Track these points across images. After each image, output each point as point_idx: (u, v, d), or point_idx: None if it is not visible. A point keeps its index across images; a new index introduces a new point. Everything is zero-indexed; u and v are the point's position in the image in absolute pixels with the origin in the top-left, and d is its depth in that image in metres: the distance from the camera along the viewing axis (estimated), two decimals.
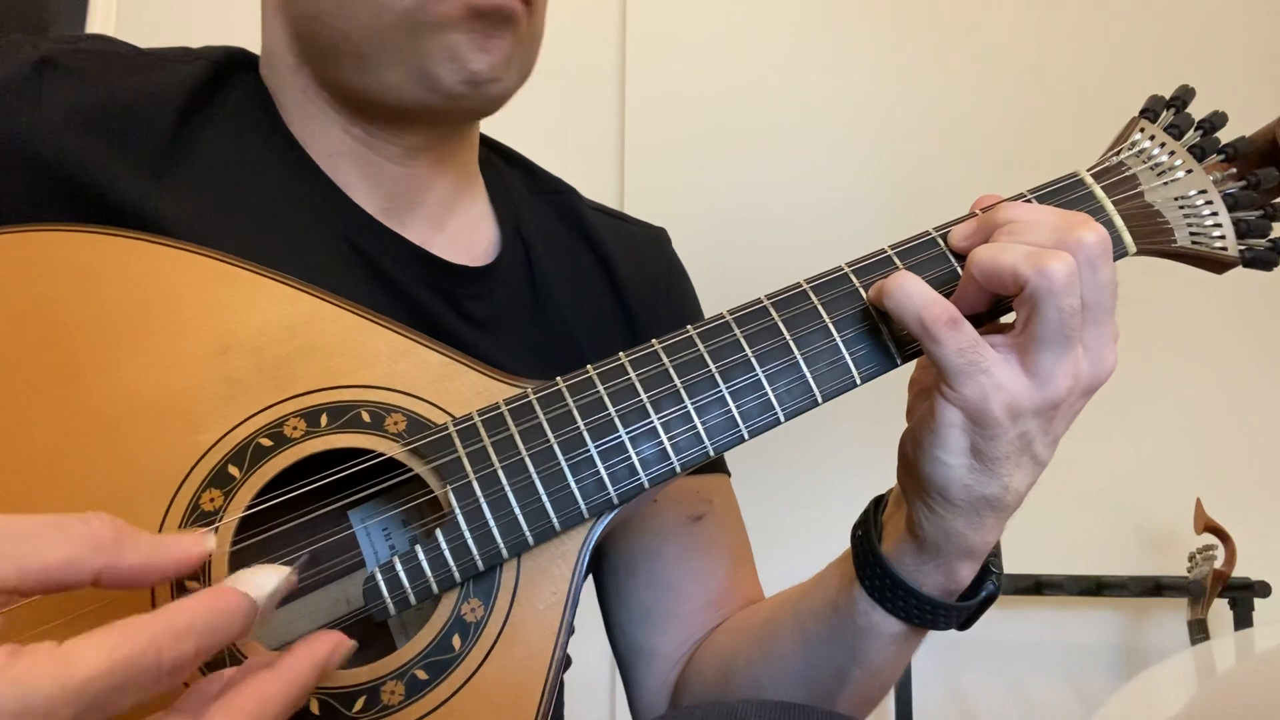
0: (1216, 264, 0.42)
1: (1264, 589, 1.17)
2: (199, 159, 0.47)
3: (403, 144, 0.50)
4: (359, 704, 0.36)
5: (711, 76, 1.35)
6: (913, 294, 0.37)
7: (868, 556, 0.43)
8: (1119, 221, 0.42)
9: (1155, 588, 1.17)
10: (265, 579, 0.30)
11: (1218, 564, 1.15)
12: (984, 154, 1.34)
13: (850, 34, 1.38)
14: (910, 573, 0.42)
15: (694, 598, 0.55)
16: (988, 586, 0.44)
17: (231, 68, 0.51)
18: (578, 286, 0.56)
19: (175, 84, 0.47)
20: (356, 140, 0.50)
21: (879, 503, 0.46)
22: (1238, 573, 1.15)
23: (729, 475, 0.60)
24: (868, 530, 0.44)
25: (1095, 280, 0.36)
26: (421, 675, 0.37)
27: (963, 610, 0.43)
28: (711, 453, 0.40)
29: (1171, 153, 0.43)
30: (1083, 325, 0.37)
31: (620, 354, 0.41)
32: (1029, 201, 0.43)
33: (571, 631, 0.39)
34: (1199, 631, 1.11)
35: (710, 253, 0.73)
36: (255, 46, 0.53)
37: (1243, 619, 1.15)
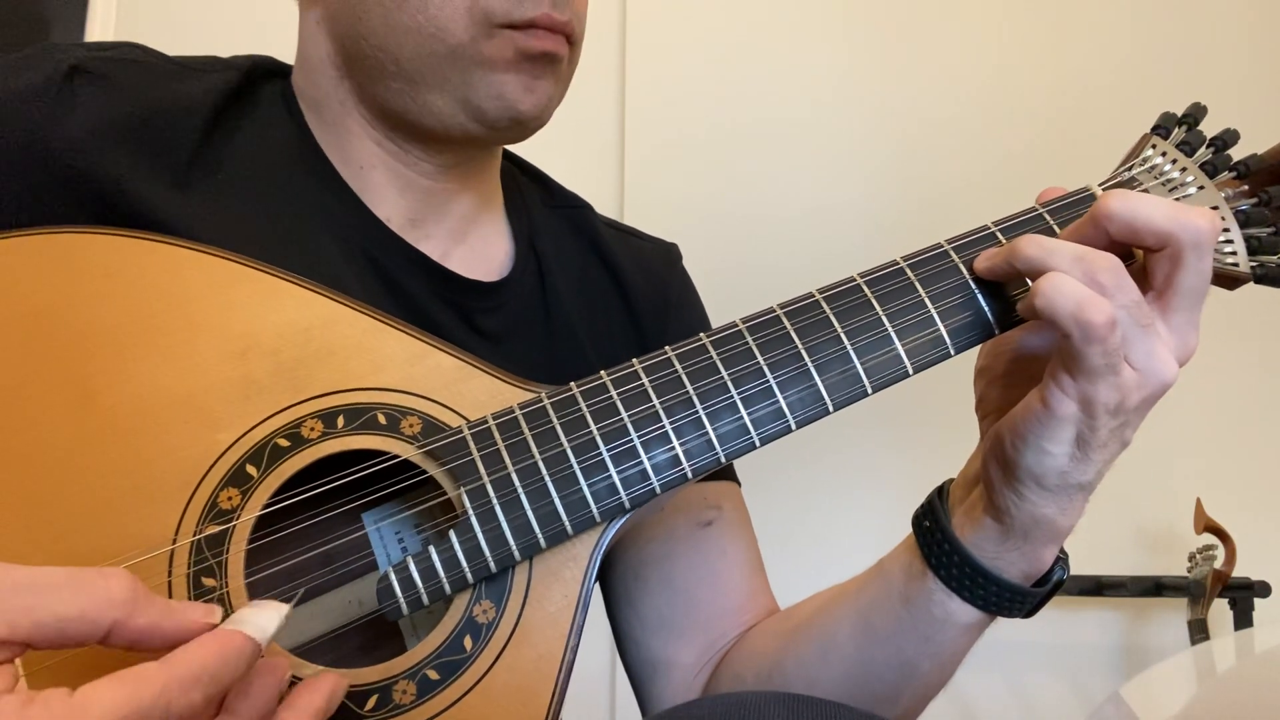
0: (1228, 280, 0.41)
1: (1264, 589, 1.15)
2: (224, 168, 0.47)
3: (436, 162, 0.51)
4: (371, 703, 0.36)
5: (713, 78, 1.34)
6: (1066, 292, 0.35)
7: (942, 545, 0.42)
8: None
9: (1155, 588, 1.16)
10: (268, 620, 0.30)
11: (1218, 564, 1.13)
12: (991, 157, 1.32)
13: (855, 35, 1.36)
14: (991, 559, 0.41)
15: (710, 604, 0.54)
16: (1057, 572, 0.43)
17: (259, 76, 0.51)
18: (589, 301, 0.56)
19: (203, 93, 0.47)
20: (389, 155, 0.50)
21: (940, 492, 0.44)
22: (1238, 573, 1.13)
23: (739, 484, 0.59)
24: (938, 519, 0.43)
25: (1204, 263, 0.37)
26: (433, 675, 0.37)
27: (1038, 595, 0.42)
28: (723, 459, 0.39)
29: (1183, 169, 0.42)
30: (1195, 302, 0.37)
31: (634, 360, 0.40)
32: (1039, 215, 0.42)
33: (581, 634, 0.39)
34: (1199, 631, 1.10)
35: (711, 256, 0.72)
36: (255, 48, 0.52)
37: (1243, 619, 1.13)
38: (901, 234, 1.29)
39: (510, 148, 0.60)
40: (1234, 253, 0.40)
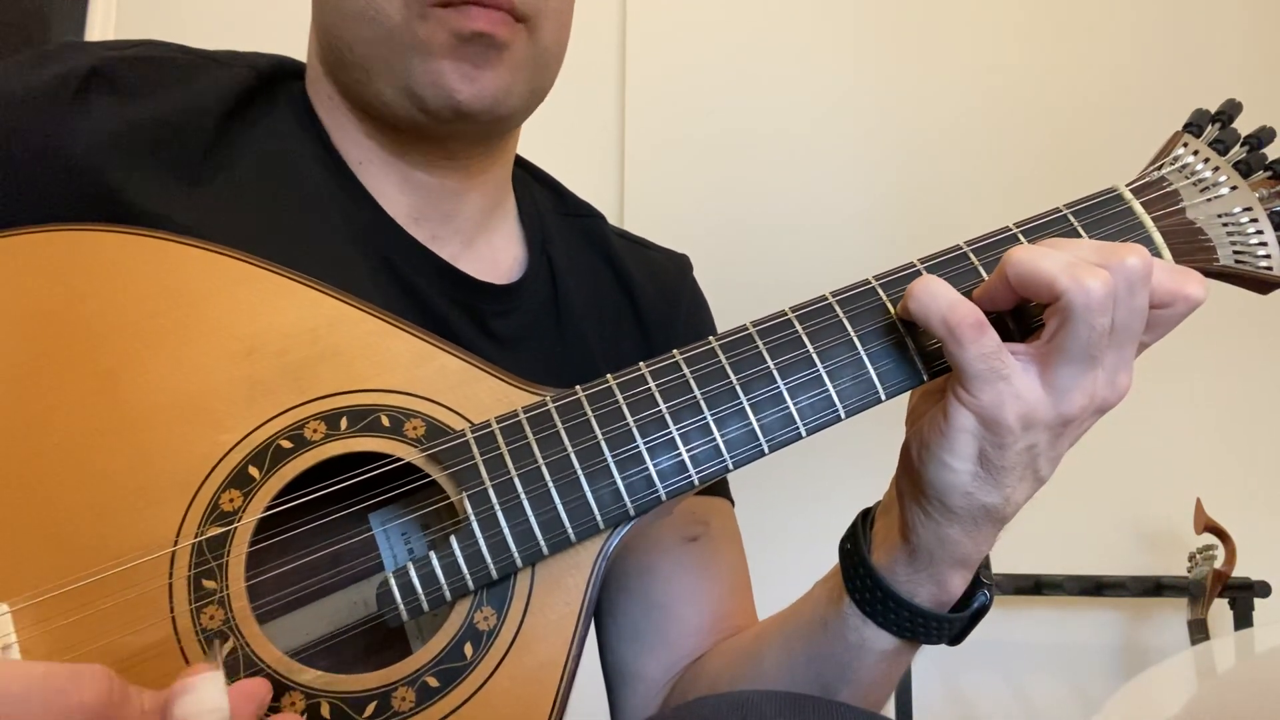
0: (1260, 284, 0.38)
1: (1264, 589, 1.12)
2: (238, 166, 0.45)
3: (422, 155, 0.48)
4: (369, 709, 0.34)
5: (713, 79, 1.30)
6: (938, 295, 0.34)
7: (858, 569, 0.40)
8: (1158, 238, 0.38)
9: (1155, 588, 1.12)
10: (215, 696, 0.27)
11: (1218, 564, 1.09)
12: (998, 157, 1.27)
13: (857, 37, 1.31)
14: (902, 583, 0.39)
15: (683, 621, 0.51)
16: (980, 598, 0.40)
17: (277, 77, 0.49)
18: (599, 309, 0.53)
19: (218, 91, 0.45)
20: (380, 148, 0.48)
21: (866, 516, 0.42)
22: (1238, 573, 1.09)
23: (731, 502, 0.56)
24: (856, 543, 0.41)
25: (1130, 304, 0.33)
26: (433, 682, 0.34)
27: (955, 622, 0.40)
28: (731, 466, 0.37)
29: (1216, 168, 0.39)
30: (1107, 346, 0.34)
31: (641, 364, 0.38)
32: (1064, 216, 0.38)
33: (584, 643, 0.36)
34: (1199, 631, 1.06)
35: (712, 259, 0.69)
36: (255, 46, 0.50)
37: (1243, 619, 1.09)
38: (914, 234, 1.26)
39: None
40: (1268, 255, 0.37)
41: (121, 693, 0.26)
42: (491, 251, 0.51)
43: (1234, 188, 0.38)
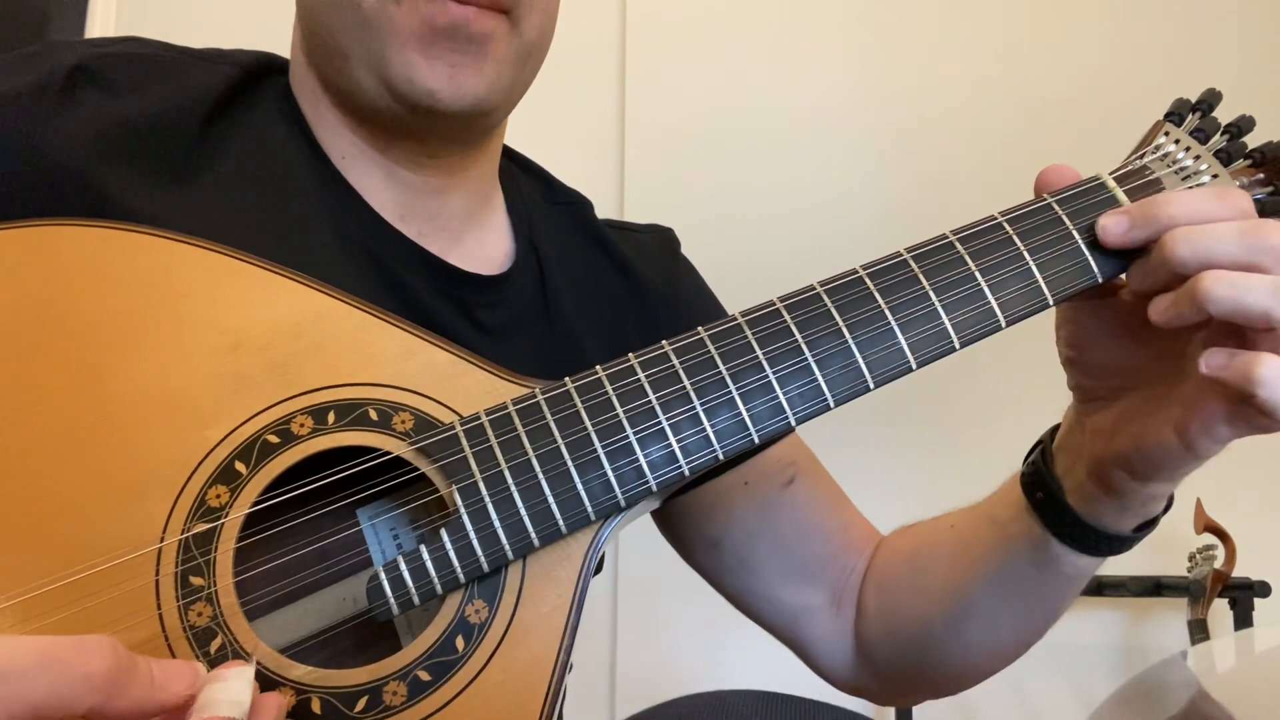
0: None
1: (1264, 589, 1.13)
2: (223, 163, 0.45)
3: (404, 151, 0.48)
4: (361, 704, 0.34)
5: (713, 74, 1.31)
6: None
7: (1063, 517, 0.43)
8: None
9: (1155, 588, 1.13)
10: (239, 690, 0.28)
11: (1218, 564, 1.10)
12: (993, 152, 1.29)
13: (856, 31, 1.33)
14: (1114, 523, 0.42)
15: (822, 547, 0.55)
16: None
17: (262, 72, 0.49)
18: (593, 296, 0.54)
19: (202, 89, 0.45)
20: (364, 142, 0.48)
21: (1045, 457, 0.44)
22: (1238, 573, 1.10)
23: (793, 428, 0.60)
24: (1050, 492, 0.43)
25: None
26: (424, 676, 0.35)
27: (1153, 525, 0.44)
28: (721, 456, 0.37)
29: (1197, 157, 0.40)
30: None
31: (630, 355, 0.38)
32: (1049, 204, 0.39)
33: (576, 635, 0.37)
34: (1199, 631, 1.07)
35: (711, 253, 0.70)
36: (255, 45, 0.51)
37: (1243, 619, 1.10)
38: (907, 226, 1.27)
39: (509, 143, 0.58)
40: None
41: (129, 661, 0.26)
42: (480, 247, 0.52)
43: (1215, 175, 0.39)
